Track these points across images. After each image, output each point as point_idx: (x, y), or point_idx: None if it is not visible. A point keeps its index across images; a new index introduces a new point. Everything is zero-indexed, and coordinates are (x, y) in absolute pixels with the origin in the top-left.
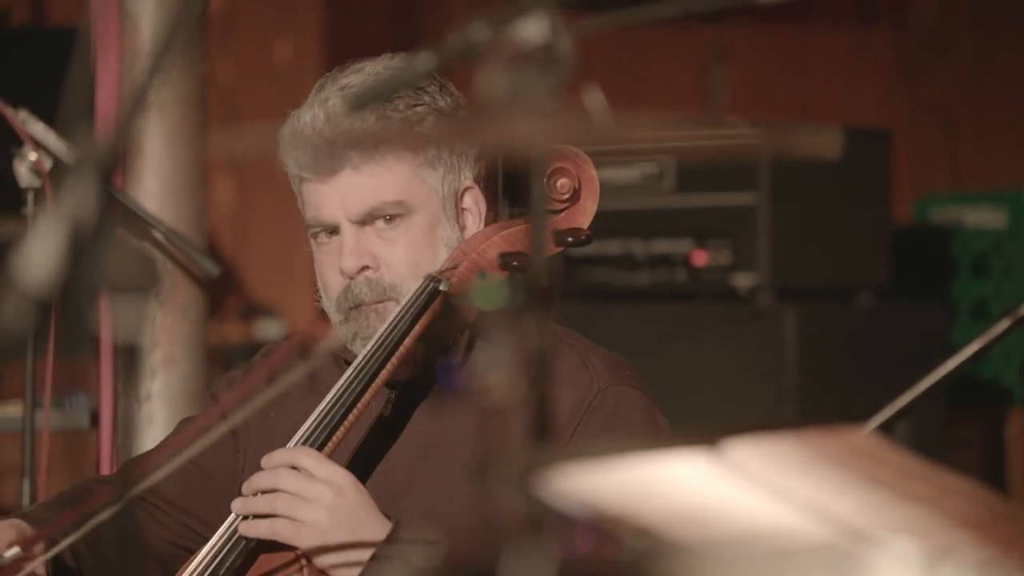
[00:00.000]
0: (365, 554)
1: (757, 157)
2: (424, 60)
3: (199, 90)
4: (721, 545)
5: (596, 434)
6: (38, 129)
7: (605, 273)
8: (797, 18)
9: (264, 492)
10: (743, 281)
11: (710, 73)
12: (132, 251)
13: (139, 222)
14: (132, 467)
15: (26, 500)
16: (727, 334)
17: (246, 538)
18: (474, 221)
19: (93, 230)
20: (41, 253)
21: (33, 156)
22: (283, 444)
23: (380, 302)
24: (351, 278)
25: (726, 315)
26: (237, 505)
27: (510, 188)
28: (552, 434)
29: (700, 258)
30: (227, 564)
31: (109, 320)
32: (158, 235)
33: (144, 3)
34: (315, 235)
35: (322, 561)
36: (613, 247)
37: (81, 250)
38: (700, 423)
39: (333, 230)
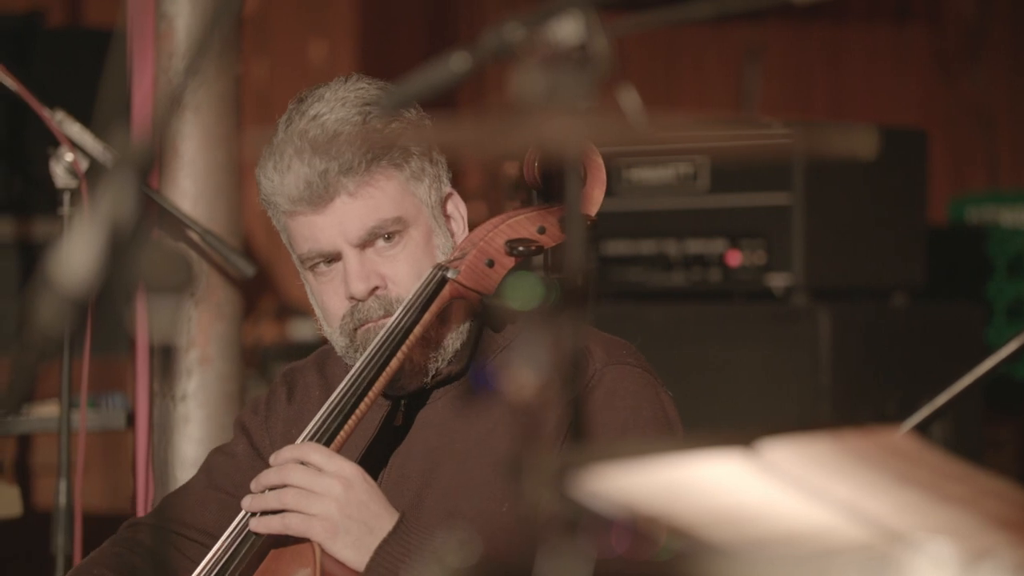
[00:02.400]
0: (375, 543)
1: (792, 157)
2: (459, 60)
3: (234, 91)
4: (757, 545)
5: (595, 413)
6: (74, 130)
7: (639, 273)
8: (832, 17)
9: (273, 488)
10: (777, 281)
11: (745, 73)
12: (168, 251)
13: (174, 222)
14: (170, 506)
15: (63, 499)
16: (761, 334)
17: (256, 534)
18: (459, 227)
19: (129, 230)
20: (78, 253)
21: (69, 157)
22: None
23: (387, 316)
24: (361, 300)
25: (760, 315)
26: (247, 502)
27: (546, 186)
28: (586, 433)
29: (734, 258)
30: (236, 560)
31: (145, 320)
32: (193, 235)
33: (180, 4)
34: (312, 267)
35: (334, 552)
36: (647, 247)
37: (117, 250)
38: (734, 423)
39: (332, 258)
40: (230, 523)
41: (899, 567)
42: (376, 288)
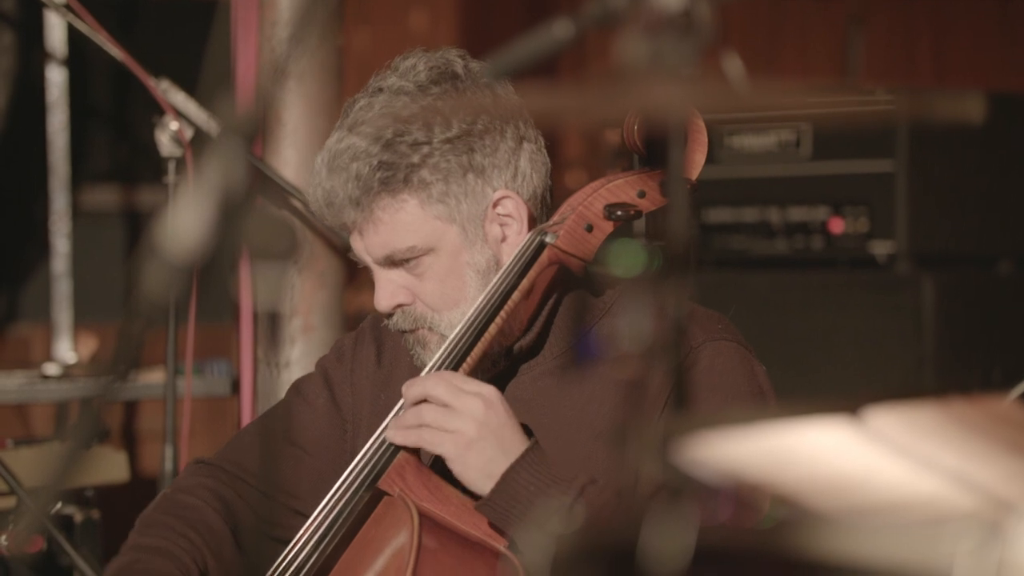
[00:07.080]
0: (505, 466)
1: (895, 123)
2: (562, 27)
3: (336, 60)
4: (863, 513)
5: (694, 392)
6: (179, 99)
7: (742, 241)
8: None
9: (416, 404)
10: (881, 249)
11: (848, 38)
12: (272, 219)
13: (278, 191)
14: (238, 452)
15: (169, 465)
16: (864, 302)
17: (393, 445)
18: (518, 227)
19: (234, 199)
20: (184, 222)
21: (174, 126)
22: None
23: (415, 330)
24: (388, 315)
25: (863, 283)
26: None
27: (649, 152)
28: (685, 402)
29: (837, 226)
30: (377, 468)
31: (249, 288)
32: (297, 203)
33: None
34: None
35: (461, 472)
36: (750, 215)
37: (222, 219)
38: (838, 391)
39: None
40: (303, 478)
41: (1008, 535)
42: (401, 304)
